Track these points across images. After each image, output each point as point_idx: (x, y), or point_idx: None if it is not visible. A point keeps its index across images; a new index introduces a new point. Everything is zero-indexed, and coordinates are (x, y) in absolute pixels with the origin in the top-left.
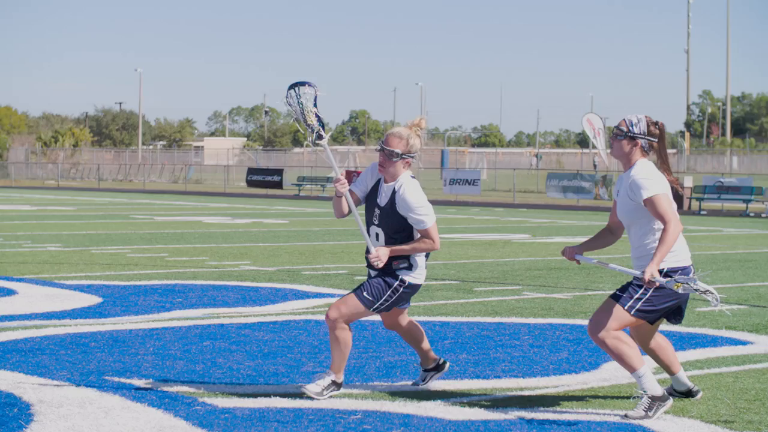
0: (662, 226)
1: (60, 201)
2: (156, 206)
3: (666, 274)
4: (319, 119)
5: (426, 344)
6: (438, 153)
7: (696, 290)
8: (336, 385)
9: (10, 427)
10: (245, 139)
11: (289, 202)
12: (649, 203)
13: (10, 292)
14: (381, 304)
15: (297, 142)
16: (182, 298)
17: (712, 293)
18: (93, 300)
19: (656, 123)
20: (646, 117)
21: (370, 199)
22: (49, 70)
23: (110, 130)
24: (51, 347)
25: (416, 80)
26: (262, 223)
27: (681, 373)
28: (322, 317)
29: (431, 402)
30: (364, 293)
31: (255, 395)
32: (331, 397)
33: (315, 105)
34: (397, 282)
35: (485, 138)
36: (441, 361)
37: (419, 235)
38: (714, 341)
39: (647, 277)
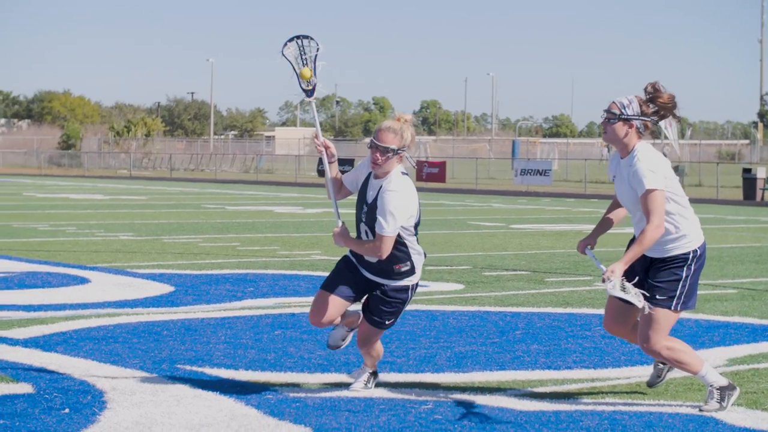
0: (672, 212)
1: (132, 190)
2: (227, 196)
3: (695, 257)
4: (315, 75)
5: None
6: (509, 143)
7: (623, 293)
8: (374, 373)
9: (84, 414)
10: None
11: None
12: (645, 197)
13: (83, 281)
14: (397, 318)
15: (368, 132)
16: (254, 288)
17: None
18: (165, 289)
19: (649, 100)
20: (636, 96)
21: (360, 193)
22: (122, 61)
23: (182, 119)
24: (124, 335)
25: (487, 70)
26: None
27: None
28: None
29: (502, 392)
30: (386, 322)
31: (326, 384)
32: (401, 387)
33: (315, 60)
34: (410, 291)
35: (556, 128)
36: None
37: (406, 236)
38: None
39: (607, 273)
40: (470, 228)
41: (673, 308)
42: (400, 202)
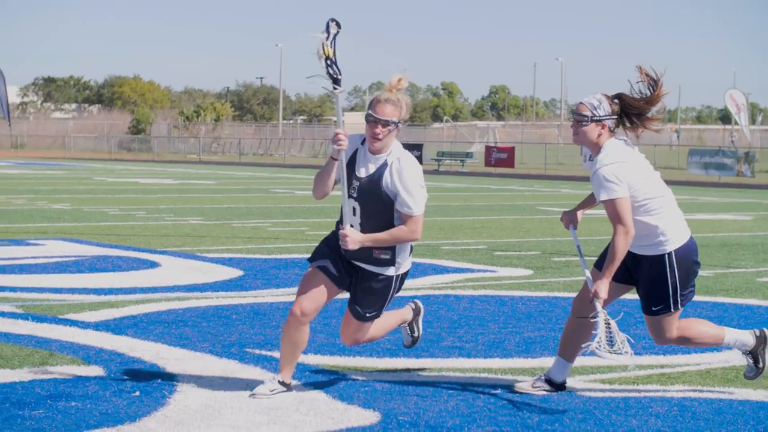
0: (656, 206)
1: (201, 175)
2: (296, 180)
3: (673, 259)
4: (335, 62)
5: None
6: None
7: (608, 345)
8: (415, 317)
9: (154, 398)
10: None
11: (428, 177)
12: (605, 205)
13: (153, 265)
14: (381, 311)
15: (437, 117)
16: None
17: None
18: (234, 273)
19: (616, 97)
20: (603, 95)
21: (348, 169)
22: (192, 46)
23: (251, 104)
24: (193, 319)
25: (556, 55)
26: None
27: (571, 365)
28: (463, 292)
29: (571, 378)
30: (367, 314)
31: (395, 370)
32: (469, 373)
33: (333, 46)
34: (392, 283)
35: None
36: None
37: (395, 219)
38: None
39: (592, 293)
40: (539, 213)
41: (672, 311)
42: (420, 176)
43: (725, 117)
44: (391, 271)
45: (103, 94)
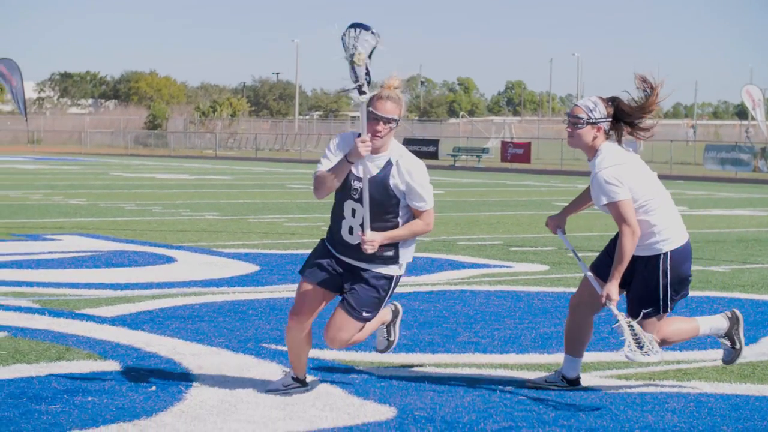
0: (654, 206)
1: (217, 170)
2: (312, 176)
3: (668, 260)
4: (368, 73)
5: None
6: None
7: (637, 345)
8: (393, 319)
9: (170, 392)
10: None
11: (444, 172)
12: (609, 208)
13: (169, 260)
14: (377, 312)
15: (453, 112)
16: None
17: (650, 350)
18: (250, 268)
19: (611, 100)
20: (598, 97)
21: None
22: (208, 41)
23: (267, 100)
24: (209, 314)
25: (573, 51)
26: None
27: (581, 360)
28: (479, 287)
29: (587, 374)
30: (363, 313)
31: (410, 365)
32: (485, 368)
33: (369, 56)
34: (392, 282)
35: None
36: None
37: (401, 216)
38: None
39: (603, 299)
40: (555, 209)
41: (660, 314)
42: (426, 172)
43: (742, 113)
44: (393, 270)
45: (119, 89)
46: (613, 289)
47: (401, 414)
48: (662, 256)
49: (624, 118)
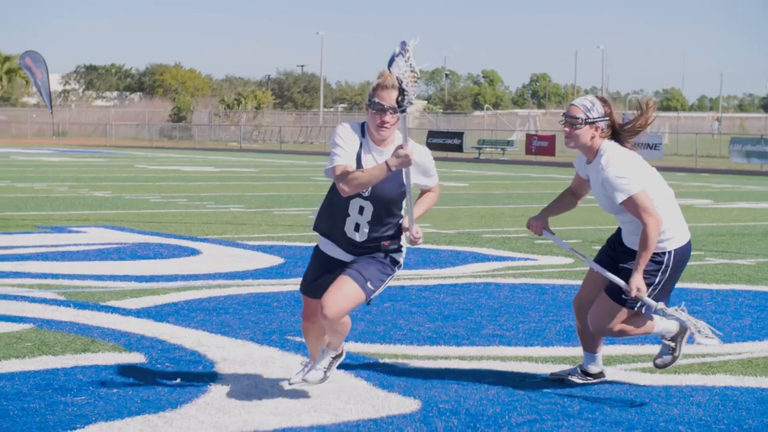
0: (658, 204)
1: (242, 163)
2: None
3: (670, 259)
4: (411, 87)
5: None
6: (619, 117)
7: (683, 322)
8: (338, 356)
9: (195, 385)
10: (425, 102)
11: (469, 165)
12: (627, 204)
13: (194, 252)
14: (376, 295)
15: (477, 105)
16: None
17: (702, 330)
18: (275, 261)
19: (605, 99)
20: (595, 96)
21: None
22: (233, 34)
23: (292, 92)
24: (234, 306)
25: (598, 43)
26: (442, 186)
27: (600, 354)
28: (503, 280)
29: (612, 367)
30: (369, 284)
31: (435, 357)
32: (510, 361)
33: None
34: (396, 267)
35: (667, 102)
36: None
37: (405, 208)
38: None
39: (633, 292)
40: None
41: (635, 309)
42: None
43: (767, 105)
44: (399, 256)
45: (144, 82)
46: (639, 280)
47: (426, 406)
48: (666, 254)
49: (617, 130)
